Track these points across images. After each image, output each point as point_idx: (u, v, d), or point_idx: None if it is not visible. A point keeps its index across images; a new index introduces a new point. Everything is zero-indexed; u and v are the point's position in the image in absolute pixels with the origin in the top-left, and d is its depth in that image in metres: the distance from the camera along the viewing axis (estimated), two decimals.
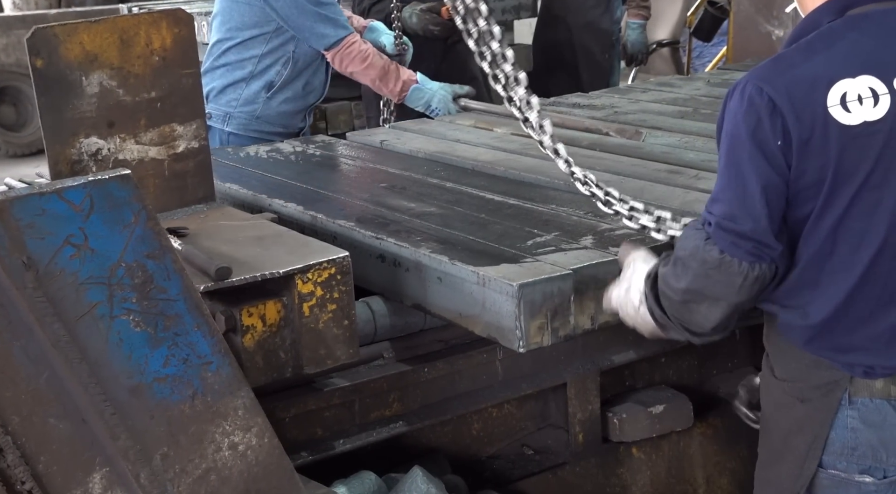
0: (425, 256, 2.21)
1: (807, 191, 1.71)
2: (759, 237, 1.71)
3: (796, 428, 1.84)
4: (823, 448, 1.81)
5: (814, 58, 1.71)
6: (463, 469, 2.35)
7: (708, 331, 1.82)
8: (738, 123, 1.72)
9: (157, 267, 1.61)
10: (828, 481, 1.83)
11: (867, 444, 1.79)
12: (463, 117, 3.70)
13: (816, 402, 1.81)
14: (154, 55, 2.33)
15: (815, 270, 1.75)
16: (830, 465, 1.82)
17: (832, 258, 1.74)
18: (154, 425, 1.60)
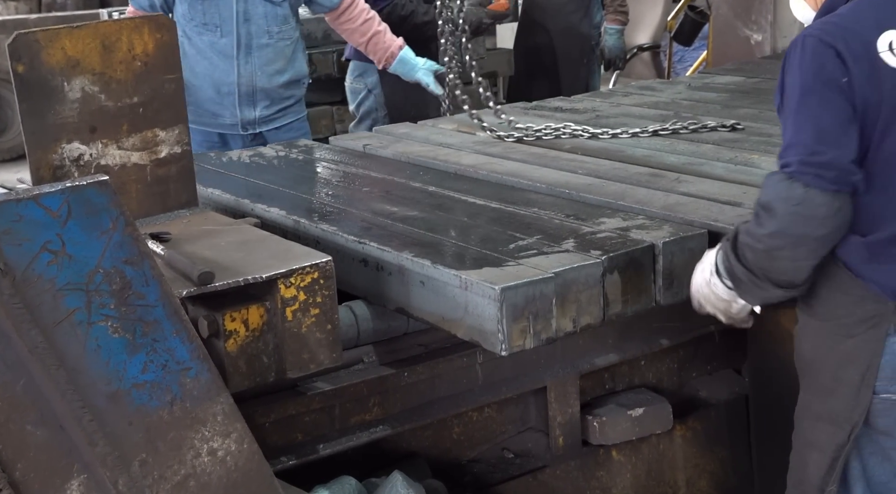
0: (408, 260, 2.22)
1: (868, 126, 1.87)
2: (841, 163, 1.84)
3: (846, 362, 1.95)
4: (876, 376, 1.93)
5: (859, 15, 1.92)
6: (443, 473, 2.36)
7: (793, 276, 1.91)
8: (804, 71, 1.88)
9: (135, 273, 1.61)
10: (881, 405, 1.95)
11: None
12: (446, 121, 3.71)
13: (864, 335, 1.94)
14: (136, 60, 2.33)
15: (877, 197, 1.90)
16: (884, 390, 1.95)
17: (890, 186, 1.89)
18: (132, 431, 1.60)
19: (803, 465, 2.07)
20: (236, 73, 3.62)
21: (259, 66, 3.64)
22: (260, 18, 3.61)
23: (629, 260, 2.18)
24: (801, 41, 1.90)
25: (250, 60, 3.64)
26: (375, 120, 4.52)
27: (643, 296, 2.21)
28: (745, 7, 4.78)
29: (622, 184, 2.72)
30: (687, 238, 2.26)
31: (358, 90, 4.55)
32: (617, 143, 3.17)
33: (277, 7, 3.63)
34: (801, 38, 1.91)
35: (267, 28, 3.63)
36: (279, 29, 3.66)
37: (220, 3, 3.57)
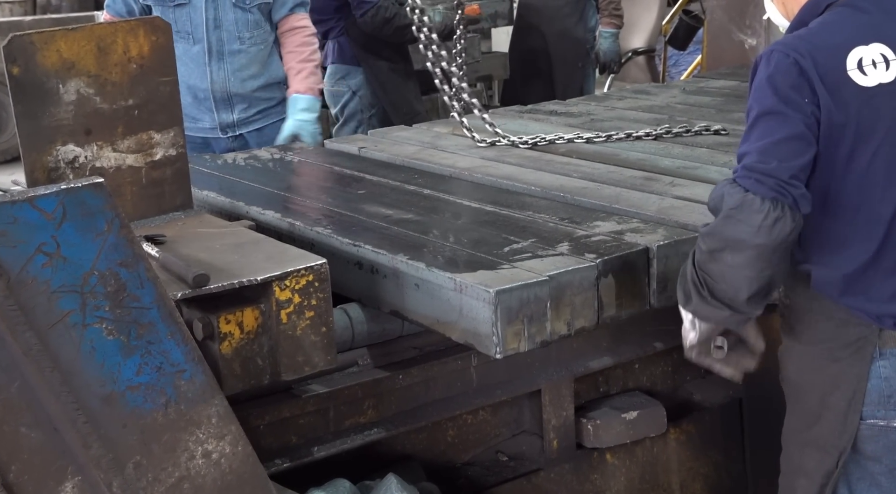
0: (403, 263, 2.22)
1: (831, 148, 1.85)
2: (782, 175, 1.82)
3: (832, 387, 1.94)
4: (863, 401, 1.92)
5: (830, 30, 1.90)
6: (438, 476, 2.36)
7: (733, 289, 1.88)
8: (766, 85, 1.85)
9: (130, 275, 1.61)
10: (868, 431, 1.94)
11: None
12: (441, 125, 3.72)
13: (849, 359, 1.92)
14: (132, 63, 2.33)
15: (845, 225, 1.88)
16: (870, 415, 1.93)
17: (860, 211, 1.87)
18: (127, 433, 1.60)
19: (791, 491, 2.06)
20: (209, 79, 3.64)
21: (232, 71, 3.65)
22: (231, 24, 3.62)
23: (623, 264, 2.18)
24: (768, 55, 1.88)
25: (223, 66, 3.65)
26: (360, 121, 4.53)
27: (637, 300, 2.22)
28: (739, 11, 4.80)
29: (616, 188, 2.72)
30: (681, 241, 2.27)
31: (340, 93, 4.55)
32: (611, 147, 3.18)
33: (248, 13, 3.63)
34: (769, 52, 1.88)
35: (238, 34, 3.63)
36: (250, 34, 3.65)
37: (190, 11, 3.59)
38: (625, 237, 2.30)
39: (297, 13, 3.71)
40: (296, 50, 3.66)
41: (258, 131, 3.75)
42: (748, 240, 1.82)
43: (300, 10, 3.72)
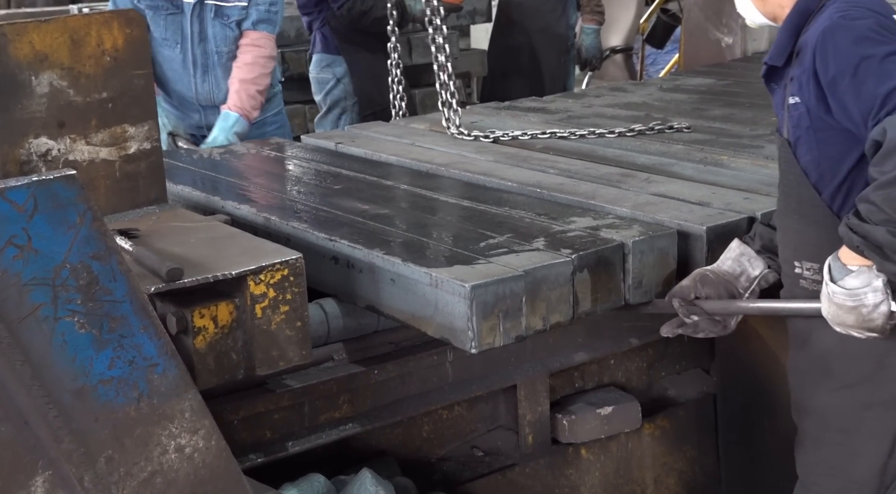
0: (378, 258, 2.22)
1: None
2: None
3: (894, 349, 1.92)
4: None
5: None
6: (413, 470, 2.36)
7: None
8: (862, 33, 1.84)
9: (102, 268, 1.60)
10: None
11: None
12: (418, 120, 3.72)
13: None
14: (105, 55, 2.32)
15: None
16: None
17: None
18: (98, 427, 1.59)
19: (853, 457, 2.01)
20: (194, 90, 3.66)
21: (215, 84, 3.66)
22: (213, 39, 3.62)
23: (599, 260, 2.19)
24: (830, 25, 1.86)
25: (207, 79, 3.66)
26: (344, 109, 4.53)
27: (612, 295, 2.22)
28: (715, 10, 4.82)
29: (593, 184, 2.73)
30: (657, 237, 2.28)
31: (325, 80, 4.56)
32: (588, 143, 3.19)
33: (227, 28, 3.63)
34: (829, 23, 1.86)
35: (216, 48, 3.63)
36: (228, 48, 3.65)
37: (182, 20, 3.59)
38: (600, 233, 2.30)
39: (260, 30, 3.66)
40: (244, 66, 3.61)
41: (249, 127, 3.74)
42: None
43: (264, 27, 3.67)
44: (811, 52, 1.90)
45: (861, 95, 1.82)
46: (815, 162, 1.96)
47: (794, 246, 2.04)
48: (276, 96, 3.93)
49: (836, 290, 1.86)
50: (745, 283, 2.18)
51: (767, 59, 2.03)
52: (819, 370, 2.04)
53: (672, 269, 2.29)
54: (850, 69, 1.83)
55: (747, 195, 2.56)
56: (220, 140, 3.55)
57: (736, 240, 2.21)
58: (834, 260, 1.87)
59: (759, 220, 2.28)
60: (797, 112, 1.95)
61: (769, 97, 2.13)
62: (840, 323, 1.89)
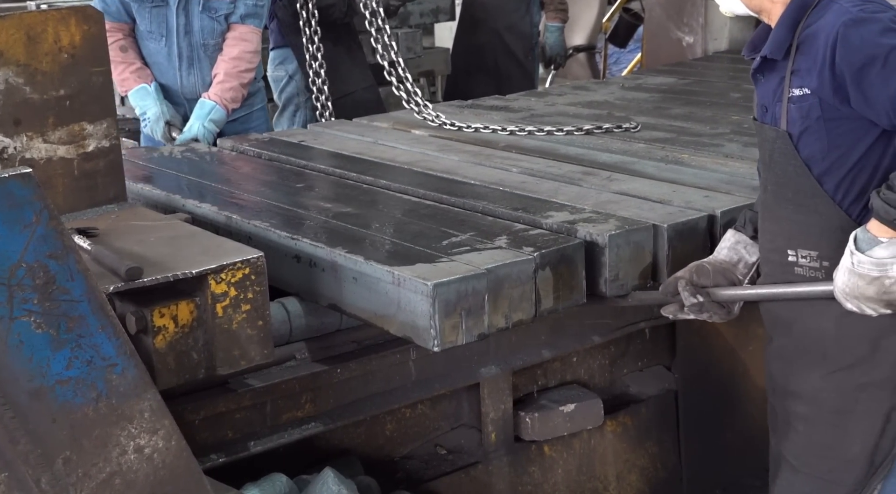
0: (341, 256, 2.21)
1: None
2: None
3: (890, 330, 1.96)
4: None
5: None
6: (376, 469, 2.36)
7: None
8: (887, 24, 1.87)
9: (59, 267, 1.58)
10: None
11: None
12: (382, 119, 3.71)
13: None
14: (63, 52, 2.29)
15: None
16: None
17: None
18: (56, 428, 1.57)
19: (846, 437, 2.05)
20: (179, 83, 3.64)
21: (201, 77, 3.64)
22: (199, 31, 3.60)
23: (561, 257, 2.20)
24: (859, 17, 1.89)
25: (192, 72, 3.64)
26: (297, 105, 4.50)
27: (574, 292, 2.23)
28: (677, 10, 4.86)
29: (555, 182, 2.74)
30: (633, 231, 2.29)
31: (279, 78, 4.53)
32: (551, 142, 3.20)
33: (215, 21, 3.60)
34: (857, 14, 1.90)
35: (203, 41, 3.61)
36: (215, 41, 3.63)
37: (167, 13, 3.57)
38: (562, 231, 2.31)
39: (248, 24, 3.64)
40: (230, 60, 3.59)
41: (231, 123, 3.72)
42: None
43: (251, 21, 3.65)
44: (828, 45, 1.91)
45: (891, 84, 1.86)
46: (824, 151, 1.99)
47: (787, 235, 2.06)
48: (259, 92, 3.91)
49: (862, 259, 1.87)
50: (744, 270, 2.20)
51: (766, 53, 2.04)
52: (810, 353, 2.06)
53: (648, 263, 2.30)
54: (880, 59, 1.86)
55: (707, 193, 2.58)
56: (195, 128, 3.52)
57: (731, 230, 2.25)
58: (863, 231, 1.89)
59: (746, 208, 2.30)
60: (805, 103, 1.97)
61: (729, 96, 2.15)
62: (858, 295, 1.89)
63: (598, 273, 2.27)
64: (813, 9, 1.98)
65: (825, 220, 1.98)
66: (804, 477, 2.10)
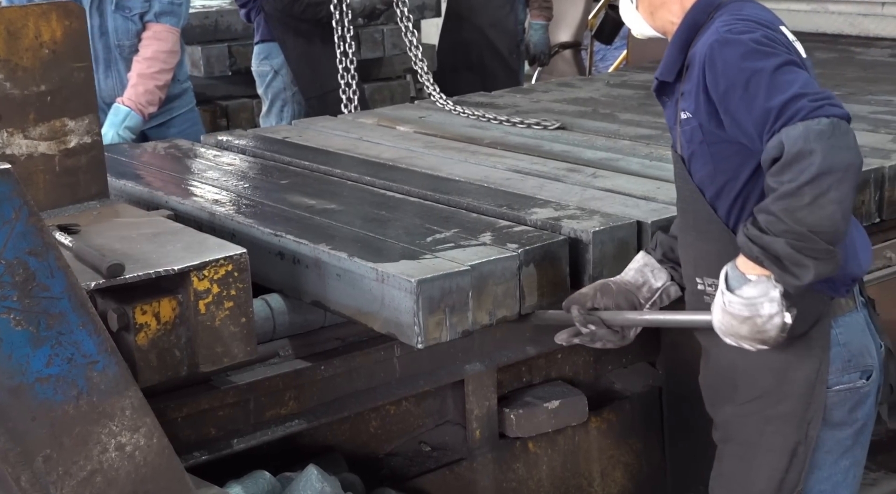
0: (324, 253, 2.20)
1: None
2: (832, 94, 1.79)
3: (795, 363, 1.93)
4: (828, 370, 1.93)
5: (751, 10, 1.92)
6: (360, 466, 2.35)
7: (838, 225, 1.73)
8: (750, 47, 1.81)
9: (39, 264, 1.57)
10: (834, 397, 1.96)
11: (857, 352, 1.97)
12: (366, 115, 3.70)
13: (813, 333, 1.92)
14: (44, 48, 2.27)
15: None
16: (835, 383, 1.95)
17: None
18: (36, 426, 1.56)
19: (752, 471, 2.01)
20: (98, 87, 3.47)
21: (119, 80, 3.57)
22: (114, 32, 3.53)
23: (545, 254, 2.20)
24: (719, 38, 1.83)
25: (110, 75, 3.57)
26: (285, 100, 4.49)
27: (559, 289, 2.23)
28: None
29: (540, 179, 2.74)
30: (617, 227, 2.29)
31: (265, 73, 4.52)
32: (535, 139, 3.20)
33: (129, 21, 3.54)
34: (717, 36, 1.84)
35: (118, 42, 3.54)
36: (130, 43, 3.56)
37: None
38: (547, 227, 2.31)
39: (163, 23, 3.56)
40: (143, 61, 3.51)
41: (158, 127, 3.67)
42: (854, 160, 1.72)
43: (167, 20, 3.57)
44: (700, 67, 1.86)
45: (753, 109, 1.79)
46: (711, 176, 1.93)
47: (694, 262, 2.01)
48: (185, 93, 3.80)
49: (732, 299, 1.79)
50: (647, 294, 2.13)
51: (658, 75, 1.99)
52: (725, 384, 2.03)
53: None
54: (741, 84, 1.80)
55: None
56: (109, 136, 3.42)
57: (642, 251, 2.19)
58: (732, 268, 1.82)
59: (659, 230, 2.23)
60: (689, 126, 1.92)
61: None
62: (733, 333, 1.82)
63: (582, 270, 2.28)
64: (702, 28, 1.93)
65: (723, 247, 1.91)
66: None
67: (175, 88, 3.71)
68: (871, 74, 4.12)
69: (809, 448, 1.96)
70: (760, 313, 1.78)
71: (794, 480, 1.97)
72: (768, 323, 1.78)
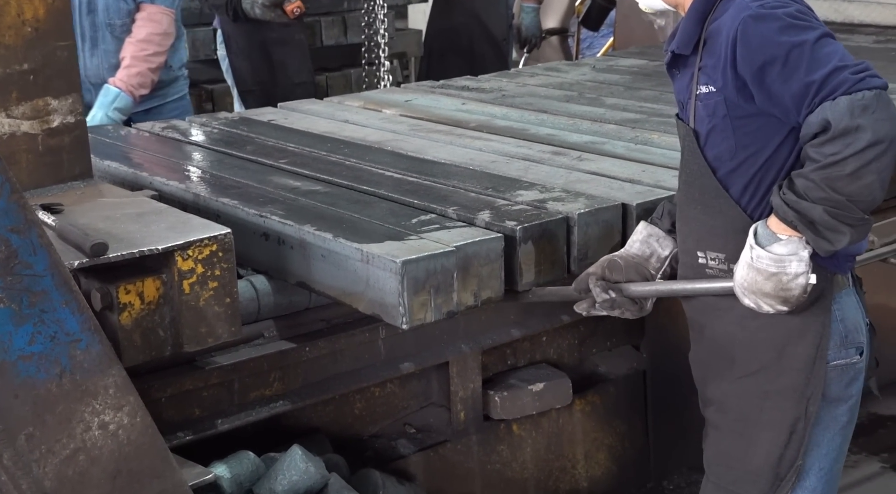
0: (309, 233, 2.20)
1: None
2: (870, 65, 1.80)
3: (796, 338, 1.93)
4: (828, 346, 1.94)
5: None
6: (345, 448, 2.35)
7: (876, 194, 1.78)
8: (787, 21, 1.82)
9: (21, 241, 1.56)
10: (832, 373, 1.96)
11: (852, 329, 1.97)
12: (352, 98, 3.69)
13: (813, 309, 1.92)
14: (26, 26, 2.25)
15: None
16: (833, 358, 1.95)
17: None
18: (18, 404, 1.55)
19: (750, 447, 2.00)
20: (83, 65, 3.45)
21: (107, 60, 3.51)
22: (103, 11, 3.48)
23: (529, 235, 2.20)
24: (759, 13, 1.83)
25: (96, 53, 3.51)
26: None
27: (556, 268, 2.22)
28: None
29: (525, 162, 2.74)
30: (602, 210, 2.29)
31: (223, 57, 4.49)
32: (522, 123, 3.20)
33: (121, 0, 3.50)
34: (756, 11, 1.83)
35: (109, 21, 3.49)
36: (122, 22, 3.50)
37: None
38: (532, 209, 2.31)
39: (158, 4, 3.49)
40: (136, 43, 3.45)
41: (144, 113, 3.63)
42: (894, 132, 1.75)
43: (162, 0, 3.51)
44: (729, 42, 1.85)
45: (793, 83, 1.80)
46: (732, 151, 1.92)
47: (697, 236, 2.01)
48: (178, 80, 3.75)
49: (761, 254, 1.83)
50: (657, 264, 2.13)
51: (675, 48, 1.97)
52: (721, 359, 2.02)
53: (617, 242, 2.29)
54: (781, 58, 1.81)
55: (676, 173, 2.57)
56: (98, 117, 3.37)
57: (642, 222, 2.18)
58: (762, 226, 1.86)
59: (666, 200, 2.23)
60: (711, 101, 1.91)
61: None
62: (756, 290, 1.85)
63: (567, 251, 2.28)
64: (720, 1, 1.91)
65: (730, 222, 1.92)
66: (712, 487, 2.06)
67: (167, 75, 3.65)
68: None
69: (809, 423, 1.96)
70: (787, 271, 1.82)
71: (792, 456, 1.97)
72: (793, 282, 1.82)
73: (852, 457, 3.12)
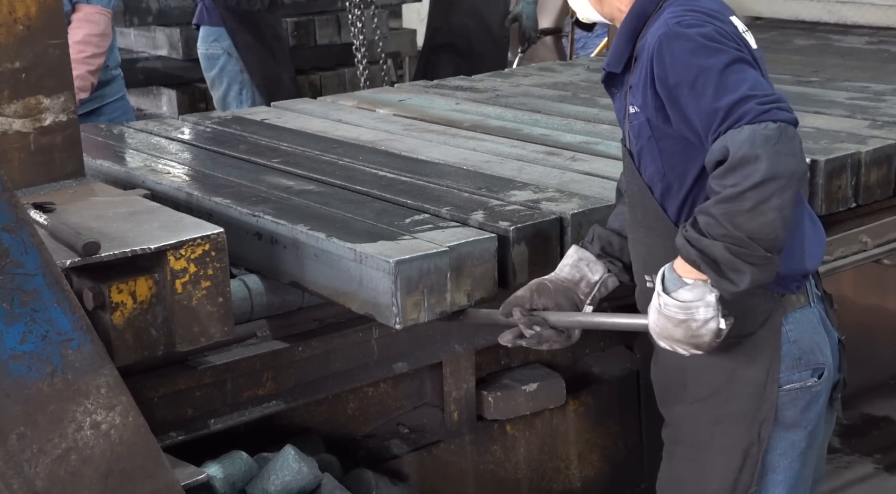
0: (302, 233, 2.19)
1: None
2: (782, 97, 1.73)
3: (745, 362, 1.88)
4: (779, 369, 1.88)
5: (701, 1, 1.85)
6: (338, 448, 2.35)
7: (779, 232, 1.69)
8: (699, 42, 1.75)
9: (13, 240, 1.55)
10: (786, 397, 1.90)
11: (808, 350, 1.91)
12: (345, 98, 3.69)
13: (762, 332, 1.87)
14: (18, 24, 2.24)
15: None
16: (786, 381, 1.90)
17: None
18: (10, 404, 1.55)
19: (704, 472, 1.96)
20: None
21: None
22: None
23: (523, 236, 2.20)
24: (668, 30, 1.76)
25: None
26: (242, 83, 4.44)
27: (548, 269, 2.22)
28: None
29: (519, 162, 2.74)
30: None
31: (215, 56, 4.44)
32: (515, 123, 3.20)
33: None
34: (665, 28, 1.77)
35: None
36: None
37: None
38: (526, 209, 2.31)
39: (94, 4, 3.42)
40: (73, 45, 3.32)
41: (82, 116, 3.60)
42: (798, 167, 1.68)
43: (98, 0, 3.44)
44: (648, 60, 1.79)
45: (701, 108, 1.73)
46: (660, 173, 1.86)
47: (642, 259, 1.96)
48: (115, 80, 3.70)
49: (668, 302, 1.75)
50: (586, 289, 2.05)
51: (605, 65, 1.91)
52: (675, 383, 1.98)
53: None
54: (689, 81, 1.73)
55: None
56: None
57: (574, 246, 2.10)
58: (669, 270, 1.77)
59: (596, 224, 2.15)
60: (637, 121, 1.85)
61: None
62: (667, 336, 1.77)
63: (561, 252, 2.27)
64: (651, 18, 1.85)
65: (671, 245, 1.79)
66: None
67: (105, 75, 3.58)
68: (848, 61, 4.14)
69: (762, 448, 1.91)
70: (695, 317, 1.73)
71: (747, 481, 1.92)
72: (703, 328, 1.74)
73: (845, 458, 3.13)
